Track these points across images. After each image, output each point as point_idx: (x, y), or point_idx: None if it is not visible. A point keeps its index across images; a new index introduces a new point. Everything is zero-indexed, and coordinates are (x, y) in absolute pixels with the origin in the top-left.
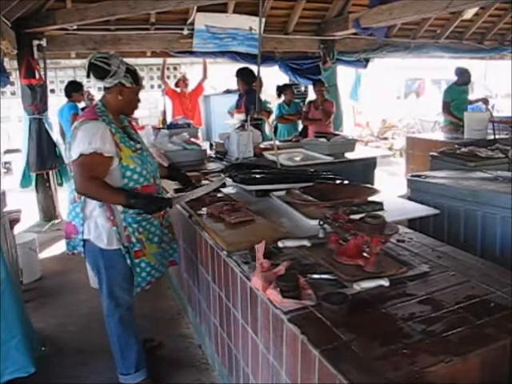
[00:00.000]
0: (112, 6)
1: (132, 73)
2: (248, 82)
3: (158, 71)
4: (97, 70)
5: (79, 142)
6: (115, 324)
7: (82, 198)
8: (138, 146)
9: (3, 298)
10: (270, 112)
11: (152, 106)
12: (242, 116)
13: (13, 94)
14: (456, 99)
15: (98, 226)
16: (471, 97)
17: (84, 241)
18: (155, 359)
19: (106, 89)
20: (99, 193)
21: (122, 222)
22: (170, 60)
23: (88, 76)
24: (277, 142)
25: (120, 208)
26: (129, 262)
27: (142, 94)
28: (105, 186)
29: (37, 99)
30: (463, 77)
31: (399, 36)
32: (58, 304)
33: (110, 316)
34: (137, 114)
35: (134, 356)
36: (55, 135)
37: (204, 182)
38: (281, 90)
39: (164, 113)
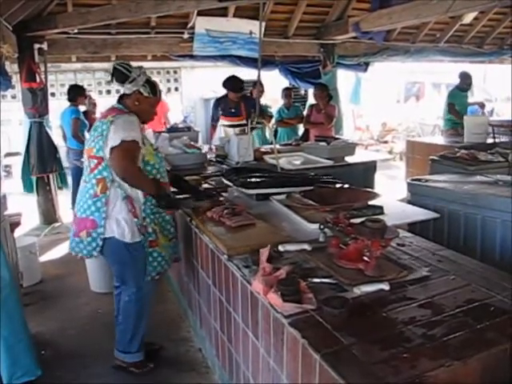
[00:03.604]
0: (113, 10)
1: (151, 84)
2: (237, 90)
3: (158, 75)
4: (118, 74)
5: (119, 131)
6: (136, 309)
7: (107, 192)
8: (155, 146)
9: (9, 301)
10: (270, 116)
11: None
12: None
13: (13, 97)
14: (458, 103)
15: (119, 222)
16: (470, 100)
17: (105, 239)
18: (156, 363)
19: (126, 95)
20: (139, 178)
21: (142, 213)
22: (170, 64)
23: (112, 79)
24: (277, 146)
25: (141, 199)
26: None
27: None
28: (143, 173)
29: (37, 102)
30: (466, 81)
31: (399, 40)
32: (58, 307)
33: (132, 302)
34: None
35: (140, 338)
36: (56, 139)
37: (204, 185)
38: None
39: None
